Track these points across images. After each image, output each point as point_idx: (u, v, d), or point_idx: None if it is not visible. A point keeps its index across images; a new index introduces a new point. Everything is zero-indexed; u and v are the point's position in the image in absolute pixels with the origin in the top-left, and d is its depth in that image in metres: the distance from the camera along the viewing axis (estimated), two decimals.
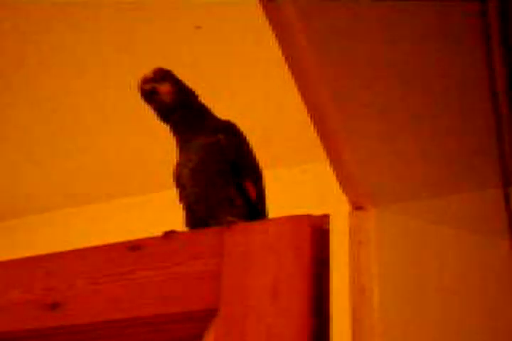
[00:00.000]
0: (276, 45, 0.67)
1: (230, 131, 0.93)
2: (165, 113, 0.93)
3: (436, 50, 0.67)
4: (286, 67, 0.69)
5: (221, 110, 0.98)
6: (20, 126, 1.42)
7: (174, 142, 0.96)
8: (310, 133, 0.78)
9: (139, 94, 0.93)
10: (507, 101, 0.71)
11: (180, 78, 0.96)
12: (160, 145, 1.33)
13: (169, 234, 0.87)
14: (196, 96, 0.96)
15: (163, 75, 0.93)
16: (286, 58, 0.68)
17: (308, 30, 0.64)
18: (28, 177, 1.53)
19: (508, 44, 0.66)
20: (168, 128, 0.94)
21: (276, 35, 0.66)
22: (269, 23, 0.66)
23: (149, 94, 0.92)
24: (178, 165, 0.94)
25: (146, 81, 0.92)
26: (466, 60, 0.67)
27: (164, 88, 0.92)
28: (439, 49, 0.67)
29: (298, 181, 1.38)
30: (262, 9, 0.66)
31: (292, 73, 0.69)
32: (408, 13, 0.64)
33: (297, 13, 0.64)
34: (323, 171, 0.87)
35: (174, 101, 0.92)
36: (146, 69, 1.24)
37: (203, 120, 0.94)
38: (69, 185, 1.53)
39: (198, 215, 0.91)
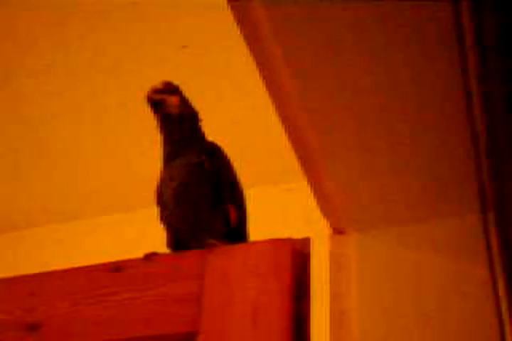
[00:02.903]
0: None
1: (214, 154, 0.94)
2: (166, 123, 0.95)
3: (414, 75, 0.68)
4: None
5: (206, 127, 0.99)
6: (4, 143, 1.42)
7: (158, 159, 0.97)
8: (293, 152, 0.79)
9: (146, 103, 0.96)
10: (485, 127, 0.72)
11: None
12: (143, 162, 1.34)
13: (150, 256, 0.87)
14: (197, 115, 0.98)
15: (172, 88, 0.97)
16: (265, 83, 0.69)
17: (288, 57, 0.65)
18: (8, 195, 1.53)
19: (483, 62, 0.66)
20: (161, 139, 0.96)
21: (255, 61, 0.67)
22: (248, 49, 0.67)
23: (156, 104, 0.95)
24: (161, 183, 0.95)
25: (155, 91, 0.95)
26: (445, 84, 0.68)
27: (172, 100, 0.95)
28: (417, 74, 0.68)
29: (280, 200, 1.38)
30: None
31: (272, 100, 0.70)
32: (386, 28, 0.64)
33: (277, 42, 0.64)
34: (307, 190, 0.87)
35: (178, 114, 0.95)
36: (133, 89, 1.25)
37: (195, 138, 0.96)
38: (50, 202, 1.52)
39: (180, 236, 0.91)
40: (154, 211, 0.96)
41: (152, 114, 0.97)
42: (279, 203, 1.37)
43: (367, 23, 0.61)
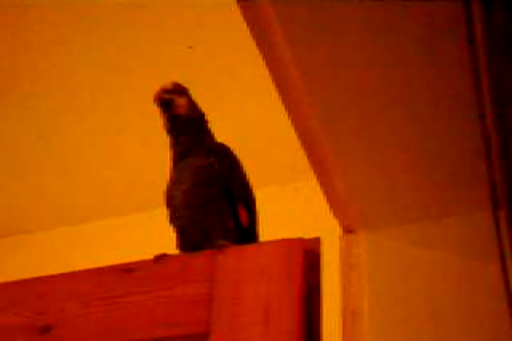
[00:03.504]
0: None
1: (223, 155, 0.94)
2: (174, 124, 0.96)
3: (424, 73, 0.68)
4: None
5: (214, 128, 0.99)
6: (12, 146, 1.42)
7: (167, 161, 0.97)
8: (303, 152, 0.79)
9: (155, 103, 0.96)
10: (496, 125, 0.71)
11: None
12: (152, 164, 1.34)
13: (161, 258, 0.87)
14: (204, 116, 0.99)
15: (181, 89, 0.98)
16: (276, 85, 0.69)
17: (297, 58, 0.65)
18: (18, 198, 1.53)
19: (494, 62, 0.66)
20: (170, 140, 0.97)
21: (265, 63, 0.67)
22: (257, 48, 0.67)
23: (166, 104, 0.95)
24: (170, 185, 0.94)
25: (165, 91, 0.96)
26: (455, 83, 0.68)
27: (181, 101, 0.96)
28: (426, 72, 0.68)
29: (290, 200, 1.38)
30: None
31: (282, 100, 0.70)
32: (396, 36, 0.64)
33: (287, 42, 0.64)
34: (316, 190, 0.87)
35: (186, 115, 0.96)
36: (139, 91, 1.25)
37: (203, 140, 0.96)
38: (60, 205, 1.52)
39: (190, 238, 0.91)
40: (164, 212, 0.96)
41: (160, 115, 0.97)
42: (288, 203, 1.37)
43: (377, 22, 0.61)
